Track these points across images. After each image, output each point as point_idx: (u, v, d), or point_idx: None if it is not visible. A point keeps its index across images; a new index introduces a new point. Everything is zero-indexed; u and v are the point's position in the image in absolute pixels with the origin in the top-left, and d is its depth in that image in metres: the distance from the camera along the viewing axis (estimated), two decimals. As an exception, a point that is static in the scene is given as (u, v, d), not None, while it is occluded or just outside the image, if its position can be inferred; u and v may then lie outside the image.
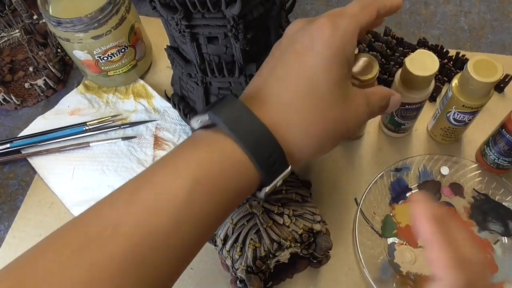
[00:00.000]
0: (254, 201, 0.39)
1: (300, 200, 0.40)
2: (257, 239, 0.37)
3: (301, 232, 0.37)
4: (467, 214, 0.53)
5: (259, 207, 0.38)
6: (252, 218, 0.38)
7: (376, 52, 0.65)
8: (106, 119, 0.64)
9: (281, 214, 0.38)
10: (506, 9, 0.72)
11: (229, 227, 0.38)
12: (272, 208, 0.38)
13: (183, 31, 0.47)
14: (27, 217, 0.59)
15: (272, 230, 0.37)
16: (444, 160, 0.56)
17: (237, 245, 0.38)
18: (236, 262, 0.38)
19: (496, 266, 0.49)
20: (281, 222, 0.37)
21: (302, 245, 0.39)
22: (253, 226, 0.37)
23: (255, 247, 0.37)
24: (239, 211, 0.38)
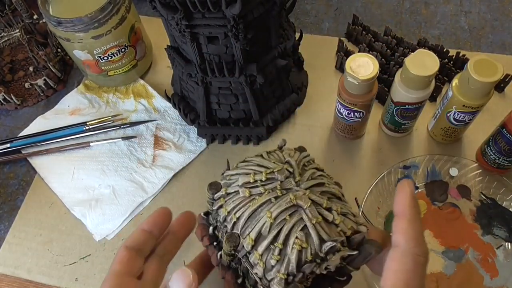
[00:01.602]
0: (298, 191, 0.30)
1: (341, 197, 0.33)
2: (304, 237, 0.28)
3: (349, 233, 0.30)
4: (472, 217, 0.53)
5: (305, 198, 0.30)
6: (296, 212, 0.29)
7: (376, 52, 0.65)
8: (106, 119, 0.64)
9: (329, 210, 0.30)
10: (506, 9, 0.72)
11: (266, 222, 0.29)
12: (321, 201, 0.30)
13: (183, 31, 0.47)
14: (28, 217, 0.59)
15: (321, 228, 0.29)
16: (444, 160, 0.56)
17: (276, 246, 0.29)
18: (271, 271, 0.29)
19: (497, 270, 0.49)
20: (330, 219, 0.30)
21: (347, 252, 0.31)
22: (298, 221, 0.29)
23: (302, 248, 0.28)
24: (279, 203, 0.30)
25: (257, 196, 0.30)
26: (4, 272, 0.55)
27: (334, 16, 0.73)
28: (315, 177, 0.32)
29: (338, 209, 0.31)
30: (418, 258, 0.28)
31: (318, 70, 0.67)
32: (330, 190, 0.32)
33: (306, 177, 0.31)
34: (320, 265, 0.29)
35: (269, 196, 0.30)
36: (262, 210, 0.29)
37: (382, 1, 0.74)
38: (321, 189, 0.31)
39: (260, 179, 0.30)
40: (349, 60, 0.48)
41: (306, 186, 0.31)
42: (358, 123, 0.55)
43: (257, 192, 0.30)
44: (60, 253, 0.56)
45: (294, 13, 0.74)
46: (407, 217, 0.29)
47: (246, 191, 0.30)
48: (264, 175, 0.30)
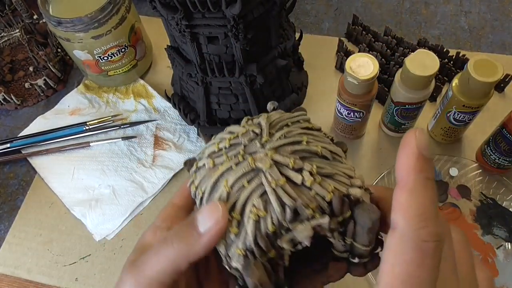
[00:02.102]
0: (259, 153, 0.25)
1: (329, 157, 0.27)
2: (261, 204, 0.24)
3: (330, 197, 0.24)
4: (472, 217, 0.53)
5: (266, 159, 0.25)
6: (256, 177, 0.25)
7: (376, 52, 0.65)
8: (106, 119, 0.64)
9: (299, 170, 0.25)
10: (506, 9, 0.72)
11: (222, 191, 0.25)
12: (286, 161, 0.25)
13: (183, 31, 0.47)
14: (28, 217, 0.59)
15: (285, 191, 0.24)
16: (444, 160, 0.56)
17: (234, 218, 0.25)
18: (232, 247, 0.25)
19: (497, 270, 0.50)
20: (298, 180, 0.24)
21: (333, 222, 0.24)
22: (257, 187, 0.25)
23: (258, 217, 0.24)
24: (236, 169, 0.25)
25: (220, 166, 0.26)
26: (4, 272, 0.55)
27: (334, 16, 0.73)
28: (290, 136, 0.27)
29: (313, 169, 0.25)
30: (424, 244, 0.20)
31: (318, 70, 0.67)
32: (308, 148, 0.26)
33: (277, 137, 0.26)
34: (284, 236, 0.24)
35: (230, 163, 0.26)
36: (222, 180, 0.25)
37: (382, 1, 0.74)
38: (294, 148, 0.26)
39: (224, 147, 0.27)
40: (349, 60, 0.48)
41: (272, 146, 0.26)
42: (358, 123, 0.55)
43: (220, 161, 0.26)
44: (60, 253, 0.56)
45: (294, 13, 0.74)
46: (408, 186, 0.21)
47: (210, 162, 0.26)
48: (228, 142, 0.27)
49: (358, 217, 0.25)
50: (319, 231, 0.24)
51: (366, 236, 0.25)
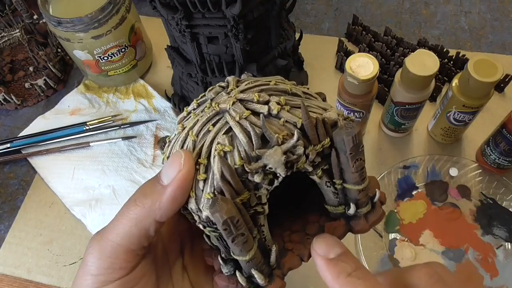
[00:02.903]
0: (224, 95, 0.24)
1: (300, 94, 0.25)
2: (227, 140, 0.22)
3: (301, 122, 0.22)
4: (473, 217, 0.53)
5: (230, 99, 0.23)
6: (221, 119, 0.23)
7: (376, 52, 0.65)
8: (106, 119, 0.64)
9: (265, 103, 0.23)
10: (506, 9, 0.72)
11: (189, 142, 0.24)
12: (251, 97, 0.23)
13: (183, 31, 0.47)
14: (28, 217, 0.59)
15: (250, 122, 0.22)
16: (444, 160, 0.56)
17: (200, 163, 0.23)
18: (201, 198, 0.23)
19: (497, 270, 0.50)
20: (264, 110, 0.23)
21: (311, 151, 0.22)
22: (222, 127, 0.23)
23: (224, 153, 0.22)
24: (202, 115, 0.24)
25: (186, 125, 0.25)
26: (4, 272, 0.55)
27: (334, 16, 0.73)
28: (257, 81, 0.25)
29: (281, 100, 0.23)
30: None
31: (318, 70, 0.67)
32: (276, 87, 0.25)
33: (243, 84, 0.25)
34: (253, 165, 0.22)
35: (197, 117, 0.24)
36: (189, 134, 0.24)
37: (382, 1, 0.74)
38: (261, 88, 0.25)
39: (192, 108, 0.26)
40: (349, 60, 0.48)
41: (238, 91, 0.24)
42: (358, 123, 0.55)
43: (188, 122, 0.25)
44: (60, 253, 0.56)
45: (294, 13, 0.74)
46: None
47: (180, 126, 0.25)
48: (195, 102, 0.26)
49: (337, 138, 0.23)
50: (294, 161, 0.22)
51: (352, 166, 0.23)
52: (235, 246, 0.22)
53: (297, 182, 0.26)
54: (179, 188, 0.22)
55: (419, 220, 0.53)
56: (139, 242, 0.23)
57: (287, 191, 0.28)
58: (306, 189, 0.28)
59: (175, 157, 0.23)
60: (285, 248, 0.27)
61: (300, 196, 0.30)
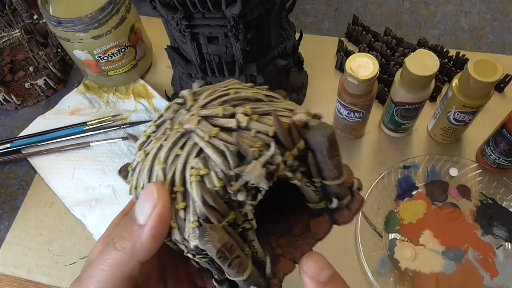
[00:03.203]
0: (186, 114, 0.23)
1: (264, 99, 0.24)
2: (200, 163, 0.21)
3: (272, 130, 0.22)
4: (473, 217, 0.53)
5: (193, 118, 0.22)
6: (188, 140, 0.22)
7: (376, 52, 0.65)
8: (106, 119, 0.64)
9: (232, 115, 0.22)
10: (506, 9, 0.72)
11: (158, 171, 0.22)
12: (215, 112, 0.22)
13: (183, 31, 0.47)
14: (28, 217, 0.59)
15: (220, 139, 0.21)
16: (444, 160, 0.56)
17: (176, 191, 0.22)
18: (185, 228, 0.22)
19: (497, 270, 0.50)
20: (233, 124, 0.22)
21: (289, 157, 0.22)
22: (191, 149, 0.22)
23: (201, 177, 0.21)
24: (166, 143, 0.23)
25: (151, 151, 0.24)
26: (4, 272, 0.55)
27: (334, 16, 0.73)
28: (216, 93, 0.24)
29: (248, 110, 0.22)
30: None
31: (318, 70, 0.67)
32: (237, 96, 0.23)
33: (202, 98, 0.24)
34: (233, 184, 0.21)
35: (160, 141, 0.23)
36: (156, 162, 0.23)
37: (382, 1, 0.74)
38: (222, 100, 0.23)
39: (151, 132, 0.24)
40: (349, 60, 0.48)
41: (198, 106, 0.23)
42: (358, 123, 0.55)
43: (151, 147, 0.23)
44: (60, 253, 0.56)
45: (294, 13, 0.74)
46: None
47: (142, 153, 0.24)
48: (153, 125, 0.24)
49: (312, 140, 0.22)
50: (274, 171, 0.21)
51: (330, 164, 0.23)
52: (231, 270, 0.22)
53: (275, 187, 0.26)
54: (158, 225, 0.21)
55: (419, 220, 0.53)
56: (124, 285, 0.22)
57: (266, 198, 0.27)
58: (285, 191, 0.28)
59: (147, 193, 0.21)
60: (275, 254, 0.26)
61: (279, 199, 0.29)
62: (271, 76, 0.56)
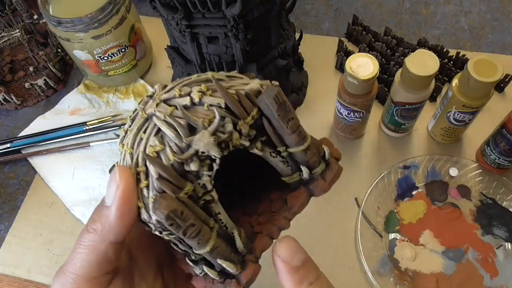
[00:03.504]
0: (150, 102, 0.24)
1: (223, 78, 0.25)
2: (157, 140, 0.22)
3: (223, 102, 0.22)
4: (473, 217, 0.53)
5: (154, 102, 0.24)
6: (150, 123, 0.23)
7: (376, 52, 0.65)
8: (106, 119, 0.64)
9: (187, 94, 0.23)
10: (506, 9, 0.72)
11: (126, 157, 0.24)
12: (172, 94, 0.24)
13: (183, 31, 0.47)
14: (28, 217, 0.59)
15: (174, 116, 0.22)
16: (444, 160, 0.56)
17: (139, 171, 0.23)
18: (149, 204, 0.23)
19: (497, 270, 0.50)
20: (187, 101, 0.23)
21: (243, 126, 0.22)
22: (151, 131, 0.23)
23: (157, 153, 0.22)
24: (132, 126, 0.24)
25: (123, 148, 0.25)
26: (4, 272, 0.55)
27: (334, 16, 0.73)
28: (180, 81, 0.25)
29: (203, 88, 0.23)
30: None
31: (318, 70, 0.67)
32: (198, 79, 0.25)
33: (169, 87, 0.25)
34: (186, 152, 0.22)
35: (133, 132, 0.24)
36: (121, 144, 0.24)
37: (382, 1, 0.74)
38: (182, 84, 0.25)
39: (128, 126, 0.25)
40: (349, 60, 0.48)
41: (162, 93, 0.24)
42: (358, 123, 0.55)
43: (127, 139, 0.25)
44: (60, 253, 0.56)
45: (294, 13, 0.74)
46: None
47: (120, 146, 0.25)
48: (129, 119, 0.26)
49: (261, 105, 0.22)
50: (227, 139, 0.22)
51: (286, 128, 0.23)
52: (190, 239, 0.22)
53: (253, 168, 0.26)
54: (123, 204, 0.22)
55: (419, 220, 0.53)
56: (100, 269, 0.23)
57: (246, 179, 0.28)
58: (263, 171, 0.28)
59: (111, 176, 0.22)
60: (254, 232, 0.27)
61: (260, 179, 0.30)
62: (271, 76, 0.56)
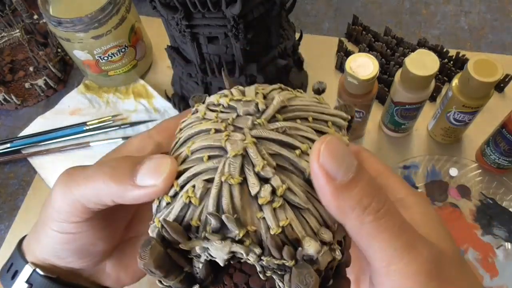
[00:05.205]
0: (242, 133, 0.21)
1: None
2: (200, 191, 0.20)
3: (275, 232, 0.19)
4: (473, 217, 0.53)
5: (238, 144, 0.20)
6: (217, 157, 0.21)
7: (376, 52, 0.65)
8: (106, 119, 0.64)
9: (263, 180, 0.20)
10: (506, 9, 0.72)
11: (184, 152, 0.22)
12: (255, 160, 0.20)
13: (183, 31, 0.47)
14: (28, 217, 0.59)
15: (230, 194, 0.20)
16: (444, 160, 0.56)
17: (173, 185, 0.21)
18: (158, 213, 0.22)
19: (497, 270, 0.50)
20: (253, 191, 0.20)
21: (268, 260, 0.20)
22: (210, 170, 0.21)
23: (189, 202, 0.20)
24: (209, 137, 0.21)
25: (204, 122, 0.23)
26: (4, 272, 0.55)
27: (334, 16, 0.73)
28: (289, 133, 0.21)
29: (282, 189, 0.19)
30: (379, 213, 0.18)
31: (318, 70, 0.67)
32: (296, 161, 0.20)
33: (273, 127, 0.21)
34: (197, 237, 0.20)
35: (213, 125, 0.22)
36: (193, 139, 0.22)
37: (382, 1, 0.74)
38: (280, 151, 0.21)
39: (223, 104, 0.23)
40: (349, 60, 0.48)
41: (257, 135, 0.21)
42: (358, 123, 0.55)
43: (210, 116, 0.23)
44: (60, 253, 0.56)
45: (294, 13, 0.74)
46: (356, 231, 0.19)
47: (202, 113, 0.23)
48: (228, 100, 0.23)
49: (292, 277, 0.19)
50: (241, 257, 0.20)
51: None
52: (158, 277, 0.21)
53: None
54: (146, 198, 0.22)
55: (419, 220, 0.53)
56: (96, 205, 0.24)
57: None
58: None
59: (158, 170, 0.21)
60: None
61: None
62: (271, 76, 0.56)
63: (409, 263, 0.19)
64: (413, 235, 0.19)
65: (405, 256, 0.19)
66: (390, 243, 0.18)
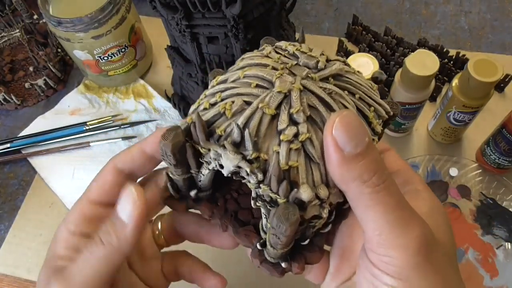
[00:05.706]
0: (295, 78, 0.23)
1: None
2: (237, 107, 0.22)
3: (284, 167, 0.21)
4: (473, 217, 0.53)
5: (287, 83, 0.22)
6: (263, 87, 0.23)
7: (376, 52, 0.65)
8: (106, 119, 0.64)
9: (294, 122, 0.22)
10: (506, 9, 0.72)
11: (236, 74, 0.24)
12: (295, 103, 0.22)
13: (183, 31, 0.47)
14: (28, 217, 0.59)
15: (260, 119, 0.21)
16: (444, 160, 0.56)
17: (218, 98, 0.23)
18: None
19: (497, 270, 0.50)
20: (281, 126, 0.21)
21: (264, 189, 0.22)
22: (252, 93, 0.23)
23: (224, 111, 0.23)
24: (263, 70, 0.23)
25: (266, 58, 0.24)
26: (4, 272, 0.55)
27: (334, 16, 0.73)
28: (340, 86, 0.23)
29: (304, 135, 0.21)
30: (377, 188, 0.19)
31: (318, 70, 0.67)
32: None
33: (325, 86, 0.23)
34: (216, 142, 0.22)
35: (272, 63, 0.23)
36: (250, 67, 0.24)
37: (382, 1, 0.74)
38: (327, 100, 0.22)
39: (289, 50, 0.25)
40: (349, 60, 0.48)
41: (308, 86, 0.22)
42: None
43: (272, 57, 0.24)
44: (60, 253, 0.56)
45: (294, 13, 0.74)
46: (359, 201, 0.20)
47: (268, 51, 0.25)
48: (294, 49, 0.25)
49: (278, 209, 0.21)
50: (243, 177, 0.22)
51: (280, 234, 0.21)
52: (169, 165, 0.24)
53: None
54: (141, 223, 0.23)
55: (419, 220, 0.53)
56: (109, 276, 0.23)
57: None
58: None
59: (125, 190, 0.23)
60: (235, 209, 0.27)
61: None
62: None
63: (399, 236, 0.20)
64: (409, 213, 0.20)
65: (396, 230, 0.20)
66: (383, 215, 0.19)
